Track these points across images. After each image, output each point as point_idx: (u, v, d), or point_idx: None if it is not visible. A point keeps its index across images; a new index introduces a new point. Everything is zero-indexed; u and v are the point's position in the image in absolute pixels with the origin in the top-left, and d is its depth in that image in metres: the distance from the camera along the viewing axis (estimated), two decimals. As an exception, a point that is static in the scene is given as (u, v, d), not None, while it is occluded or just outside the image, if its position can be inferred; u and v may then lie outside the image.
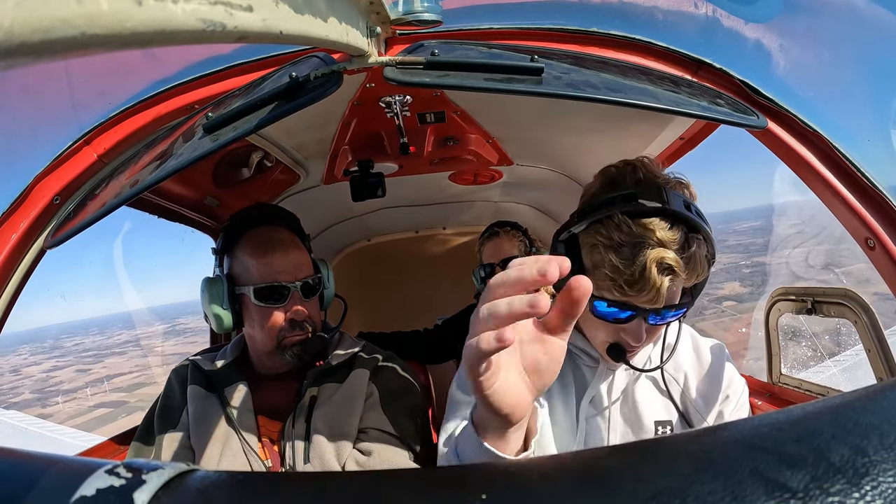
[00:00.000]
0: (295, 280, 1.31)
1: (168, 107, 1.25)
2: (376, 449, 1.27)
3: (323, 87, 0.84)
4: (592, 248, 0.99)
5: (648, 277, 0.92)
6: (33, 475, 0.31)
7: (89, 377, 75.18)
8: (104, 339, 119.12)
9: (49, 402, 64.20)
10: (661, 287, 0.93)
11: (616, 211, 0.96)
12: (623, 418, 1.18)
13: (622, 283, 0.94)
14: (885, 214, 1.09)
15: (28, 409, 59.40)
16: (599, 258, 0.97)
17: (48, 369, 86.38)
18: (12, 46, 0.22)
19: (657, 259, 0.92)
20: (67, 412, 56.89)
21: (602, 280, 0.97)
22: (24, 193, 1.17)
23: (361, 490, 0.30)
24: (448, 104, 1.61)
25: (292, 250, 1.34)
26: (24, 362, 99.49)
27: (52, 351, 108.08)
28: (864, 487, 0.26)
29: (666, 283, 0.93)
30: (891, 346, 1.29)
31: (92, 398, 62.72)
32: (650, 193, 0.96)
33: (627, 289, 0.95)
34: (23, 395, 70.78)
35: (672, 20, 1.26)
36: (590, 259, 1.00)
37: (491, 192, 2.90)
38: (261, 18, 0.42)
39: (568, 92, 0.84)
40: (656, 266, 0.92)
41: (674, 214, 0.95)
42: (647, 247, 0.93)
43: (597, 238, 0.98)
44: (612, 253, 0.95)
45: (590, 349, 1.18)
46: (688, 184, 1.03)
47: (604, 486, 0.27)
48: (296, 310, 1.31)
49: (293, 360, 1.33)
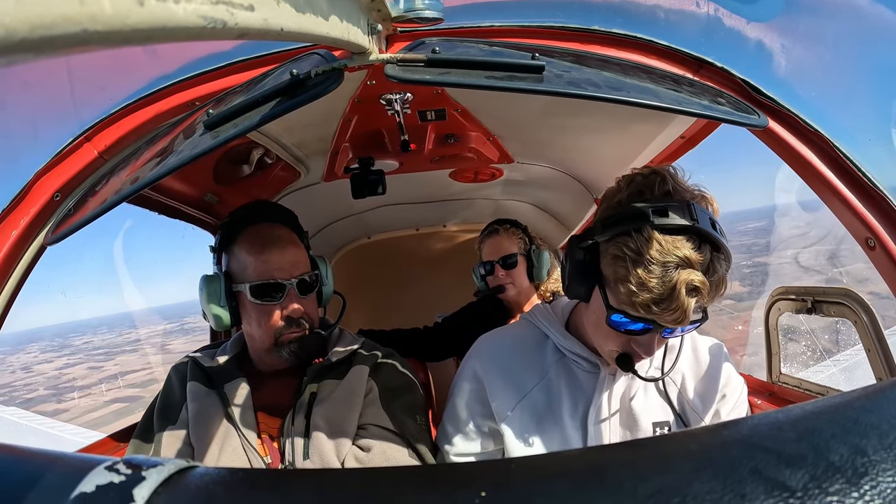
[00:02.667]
0: (291, 277, 1.31)
1: (169, 103, 1.25)
2: (376, 445, 1.27)
3: (324, 84, 0.84)
4: (616, 260, 0.96)
5: (676, 298, 0.90)
6: (34, 472, 0.31)
7: (102, 374, 75.42)
8: (113, 337, 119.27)
9: (64, 397, 64.41)
10: (688, 308, 0.91)
11: (646, 225, 0.92)
12: (620, 421, 1.19)
13: (649, 302, 0.92)
14: (886, 214, 1.09)
15: (44, 404, 60.07)
16: (624, 272, 0.94)
17: (60, 367, 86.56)
18: (13, 43, 0.22)
19: (686, 281, 0.90)
20: (83, 407, 57.26)
21: (625, 295, 0.95)
22: (24, 190, 1.17)
23: (361, 487, 0.30)
24: (449, 102, 1.61)
25: (289, 247, 1.34)
26: (34, 360, 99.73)
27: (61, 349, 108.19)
28: (864, 487, 0.26)
29: (693, 304, 0.92)
30: (890, 346, 1.29)
31: (107, 393, 62.98)
32: (681, 209, 0.94)
33: (654, 307, 0.92)
34: (37, 391, 70.95)
35: (674, 19, 1.26)
36: (612, 270, 0.97)
37: (491, 190, 2.90)
38: (262, 15, 0.42)
39: (569, 90, 0.83)
40: (685, 287, 0.90)
41: (701, 234, 0.92)
42: (678, 267, 0.90)
43: (623, 250, 0.94)
44: (640, 268, 0.91)
45: (588, 355, 1.18)
46: (711, 199, 1.01)
47: (604, 484, 0.28)
48: (292, 307, 1.31)
49: (290, 358, 1.33)
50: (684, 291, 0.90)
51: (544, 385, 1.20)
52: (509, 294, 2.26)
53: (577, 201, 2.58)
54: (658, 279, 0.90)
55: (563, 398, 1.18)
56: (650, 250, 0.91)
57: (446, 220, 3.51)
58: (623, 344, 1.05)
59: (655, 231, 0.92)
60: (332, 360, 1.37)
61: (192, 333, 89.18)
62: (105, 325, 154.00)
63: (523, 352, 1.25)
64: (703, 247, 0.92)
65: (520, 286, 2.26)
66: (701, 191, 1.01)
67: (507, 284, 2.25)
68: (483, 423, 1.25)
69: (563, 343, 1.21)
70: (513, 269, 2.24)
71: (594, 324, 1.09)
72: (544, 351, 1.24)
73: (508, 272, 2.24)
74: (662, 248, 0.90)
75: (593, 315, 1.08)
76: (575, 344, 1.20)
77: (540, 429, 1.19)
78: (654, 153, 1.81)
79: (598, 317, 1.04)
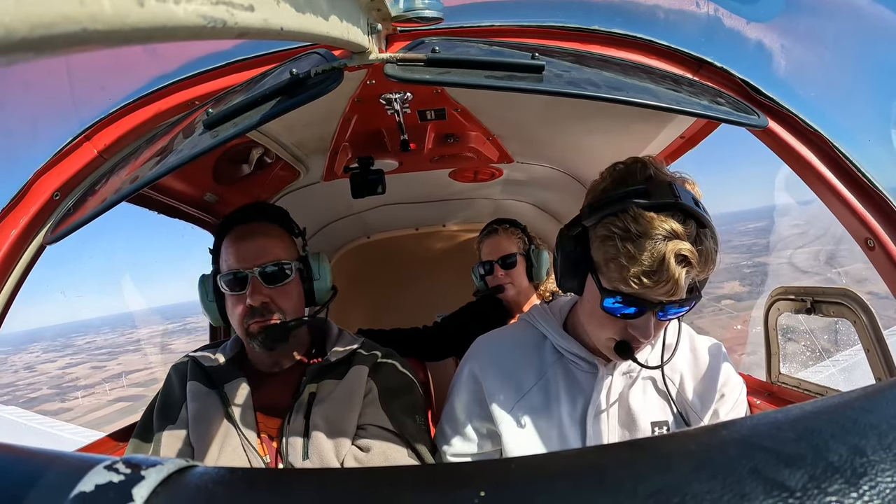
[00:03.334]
0: (253, 266, 1.30)
1: (168, 103, 1.24)
2: (375, 445, 1.27)
3: (323, 83, 0.84)
4: (605, 241, 0.99)
5: (667, 268, 0.93)
6: (33, 471, 0.31)
7: (105, 373, 75.46)
8: (115, 337, 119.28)
9: (68, 396, 64.48)
10: (679, 278, 0.94)
11: (631, 204, 0.96)
12: (619, 421, 1.19)
13: (640, 275, 0.95)
14: (885, 215, 1.09)
15: (48, 403, 60.26)
16: (614, 250, 0.97)
17: (63, 366, 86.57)
18: (13, 42, 0.22)
19: (675, 250, 0.93)
20: (87, 406, 57.41)
21: (616, 272, 0.97)
22: (24, 189, 1.17)
23: (360, 487, 0.30)
24: (448, 101, 1.61)
25: (258, 238, 1.33)
26: (37, 360, 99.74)
27: (64, 349, 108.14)
28: (862, 487, 0.26)
29: (683, 274, 0.94)
30: (890, 347, 1.29)
31: (111, 392, 63.10)
32: (662, 189, 0.98)
33: (646, 280, 0.95)
34: (41, 390, 70.98)
35: (674, 19, 1.26)
36: (601, 253, 1.00)
37: (491, 190, 2.90)
38: (262, 15, 0.42)
39: (569, 90, 0.83)
40: (674, 257, 0.93)
41: (685, 209, 0.96)
42: (665, 238, 0.94)
43: (611, 230, 0.97)
44: (629, 243, 0.95)
45: (586, 355, 1.19)
46: (693, 182, 1.04)
47: (603, 484, 0.28)
48: (254, 296, 1.30)
49: (260, 348, 1.32)
50: (674, 261, 0.93)
51: (542, 385, 1.20)
52: (508, 294, 2.26)
53: (577, 201, 2.56)
54: (647, 252, 0.93)
55: (561, 398, 1.18)
56: (637, 226, 0.95)
57: (446, 220, 3.51)
58: (620, 331, 1.06)
59: (641, 209, 0.95)
60: (331, 359, 1.37)
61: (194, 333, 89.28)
62: (107, 325, 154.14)
63: (521, 352, 1.25)
64: (688, 221, 0.96)
65: (519, 286, 2.26)
66: (682, 175, 1.04)
67: (506, 284, 2.25)
68: (481, 425, 1.25)
69: (561, 343, 1.21)
70: (512, 269, 2.24)
71: (589, 314, 1.10)
72: (542, 351, 1.24)
73: (507, 272, 2.24)
74: (649, 224, 0.94)
75: (588, 304, 1.09)
76: (573, 344, 1.20)
77: (538, 429, 1.19)
78: (653, 153, 1.82)
79: (593, 305, 1.06)
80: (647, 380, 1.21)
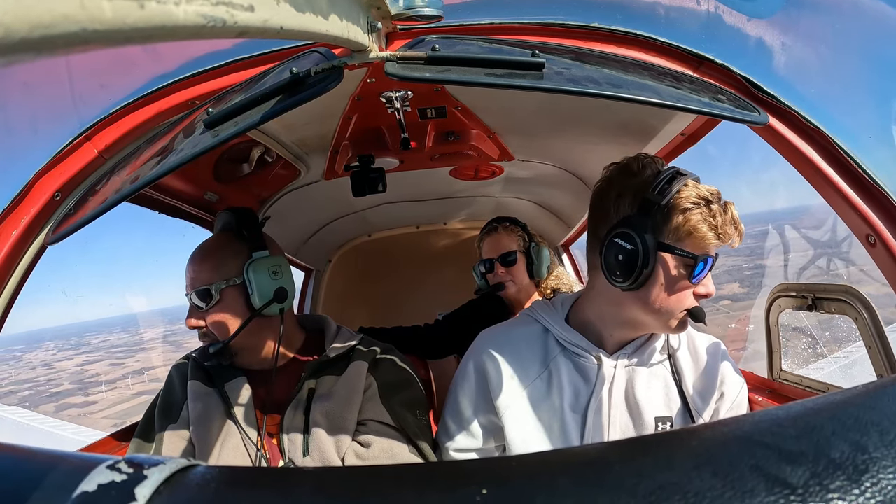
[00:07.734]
0: (191, 291, 1.32)
1: (169, 102, 1.24)
2: (376, 441, 1.27)
3: (324, 82, 0.84)
4: (686, 211, 1.07)
5: (732, 216, 1.08)
6: (36, 471, 0.31)
7: (124, 370, 75.83)
8: (129, 336, 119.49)
9: (91, 391, 64.78)
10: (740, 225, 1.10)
11: (686, 179, 1.09)
12: (622, 413, 1.19)
13: (728, 222, 1.08)
14: (887, 211, 1.09)
15: (72, 397, 60.83)
16: (699, 216, 1.06)
17: (81, 363, 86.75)
18: (13, 42, 0.22)
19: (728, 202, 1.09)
20: (111, 399, 57.91)
21: (710, 231, 1.06)
22: (24, 189, 1.17)
23: (362, 485, 0.30)
24: (449, 99, 1.61)
25: (196, 259, 1.34)
26: (53, 357, 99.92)
27: (79, 347, 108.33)
28: (864, 484, 0.26)
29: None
30: (891, 343, 1.29)
31: (133, 387, 63.49)
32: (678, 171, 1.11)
33: (729, 229, 1.08)
34: (63, 385, 71.21)
35: (674, 15, 1.26)
36: (684, 222, 1.07)
37: (492, 188, 2.89)
38: (262, 14, 0.42)
39: (569, 87, 0.83)
40: (731, 206, 1.09)
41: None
42: (717, 196, 1.09)
43: (687, 201, 1.07)
44: (707, 206, 1.07)
45: (590, 347, 1.19)
46: (697, 178, 1.13)
47: (605, 481, 0.28)
48: (188, 321, 1.33)
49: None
50: (734, 209, 1.10)
51: (545, 378, 1.21)
52: (509, 291, 2.26)
53: (577, 198, 2.58)
54: (717, 206, 1.07)
55: (564, 391, 1.18)
56: (699, 192, 1.08)
57: (447, 218, 3.51)
58: (689, 298, 1.11)
59: (691, 180, 1.09)
60: (329, 356, 1.37)
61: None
62: (119, 326, 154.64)
63: (524, 346, 1.25)
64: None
65: (520, 283, 2.26)
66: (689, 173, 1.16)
67: (506, 282, 2.25)
68: (484, 418, 1.25)
69: (565, 336, 1.21)
70: (512, 267, 2.24)
71: (661, 299, 1.10)
72: (545, 344, 1.24)
73: (508, 270, 2.24)
74: (702, 189, 1.09)
75: (659, 289, 1.10)
76: (576, 336, 1.20)
77: (541, 421, 1.19)
78: (654, 150, 1.81)
79: (668, 284, 1.10)
80: (651, 373, 1.21)
